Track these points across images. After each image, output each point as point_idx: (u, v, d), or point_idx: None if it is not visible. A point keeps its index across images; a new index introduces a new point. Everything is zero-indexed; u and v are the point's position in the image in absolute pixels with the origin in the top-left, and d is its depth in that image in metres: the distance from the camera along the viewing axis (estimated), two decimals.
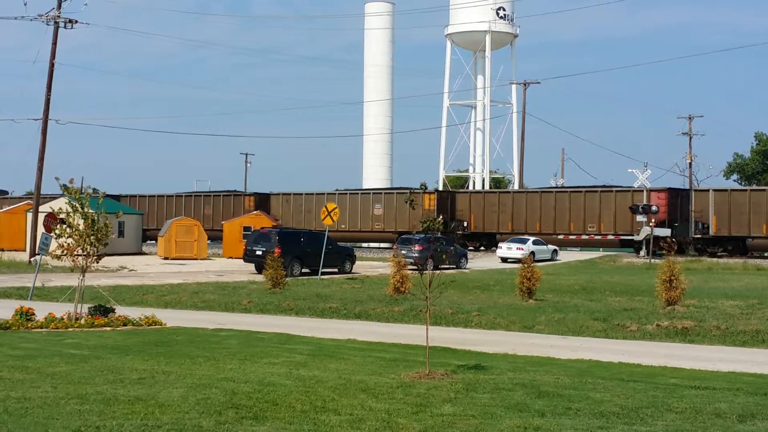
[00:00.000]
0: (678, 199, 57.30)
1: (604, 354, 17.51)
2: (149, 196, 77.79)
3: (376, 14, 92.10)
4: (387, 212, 65.42)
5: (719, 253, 55.37)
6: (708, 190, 56.97)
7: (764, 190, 55.91)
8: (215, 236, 69.00)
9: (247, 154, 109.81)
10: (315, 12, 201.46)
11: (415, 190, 64.29)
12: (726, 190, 56.85)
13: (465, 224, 63.09)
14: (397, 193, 66.29)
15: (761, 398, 12.92)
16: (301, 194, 70.76)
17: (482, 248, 63.27)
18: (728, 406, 12.22)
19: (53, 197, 55.60)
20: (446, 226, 62.00)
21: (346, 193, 68.54)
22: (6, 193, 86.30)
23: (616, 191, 58.57)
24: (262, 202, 70.81)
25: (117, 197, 76.93)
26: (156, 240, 65.64)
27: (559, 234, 59.71)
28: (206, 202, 74.20)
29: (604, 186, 60.89)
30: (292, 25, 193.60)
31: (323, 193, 69.84)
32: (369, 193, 68.45)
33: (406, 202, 63.54)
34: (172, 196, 77.02)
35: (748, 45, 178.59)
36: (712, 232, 55.15)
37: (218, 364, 15.39)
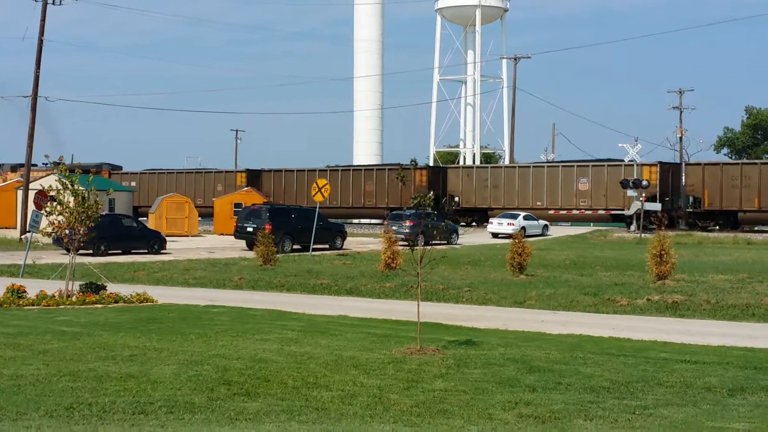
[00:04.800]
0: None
1: (595, 329, 17.57)
2: (298, 171, 70.17)
3: None
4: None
5: (710, 227, 55.43)
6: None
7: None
8: (375, 215, 63.75)
9: (237, 131, 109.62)
10: None
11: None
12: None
13: (695, 199, 56.28)
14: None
15: (751, 372, 13.00)
16: (473, 167, 66.43)
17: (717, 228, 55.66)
18: (718, 380, 12.29)
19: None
20: (672, 204, 57.38)
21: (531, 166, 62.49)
22: (120, 168, 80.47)
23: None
24: (435, 175, 64.50)
25: (259, 172, 72.05)
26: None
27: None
28: (368, 176, 65.94)
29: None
30: (282, 1, 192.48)
31: (500, 166, 64.85)
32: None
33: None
34: (311, 170, 69.15)
35: (739, 18, 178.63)
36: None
37: (210, 341, 15.41)
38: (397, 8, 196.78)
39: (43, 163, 62.73)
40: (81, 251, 35.60)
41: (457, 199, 63.72)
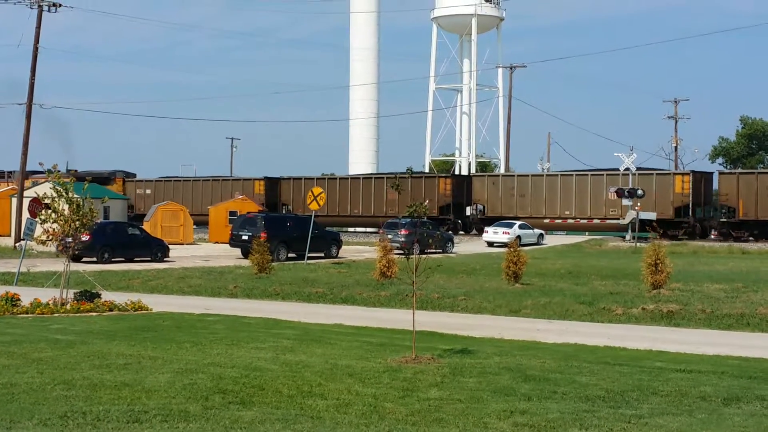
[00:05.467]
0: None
1: (590, 338, 17.57)
2: (318, 179, 68.26)
3: None
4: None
5: (744, 238, 54.11)
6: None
7: None
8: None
9: (233, 139, 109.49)
10: None
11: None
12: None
13: (729, 209, 55.00)
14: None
15: (746, 381, 13.00)
16: (498, 175, 64.34)
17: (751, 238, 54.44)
18: (713, 389, 12.29)
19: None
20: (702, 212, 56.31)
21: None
22: (133, 175, 79.25)
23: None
24: (460, 183, 63.61)
25: (277, 180, 70.35)
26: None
27: None
28: (388, 183, 64.44)
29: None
30: (277, 9, 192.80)
31: (527, 174, 62.61)
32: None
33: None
34: (332, 178, 67.55)
35: (734, 28, 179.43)
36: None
37: (205, 349, 15.38)
38: (393, 17, 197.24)
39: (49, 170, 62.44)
40: (85, 259, 35.88)
41: (481, 207, 62.89)
